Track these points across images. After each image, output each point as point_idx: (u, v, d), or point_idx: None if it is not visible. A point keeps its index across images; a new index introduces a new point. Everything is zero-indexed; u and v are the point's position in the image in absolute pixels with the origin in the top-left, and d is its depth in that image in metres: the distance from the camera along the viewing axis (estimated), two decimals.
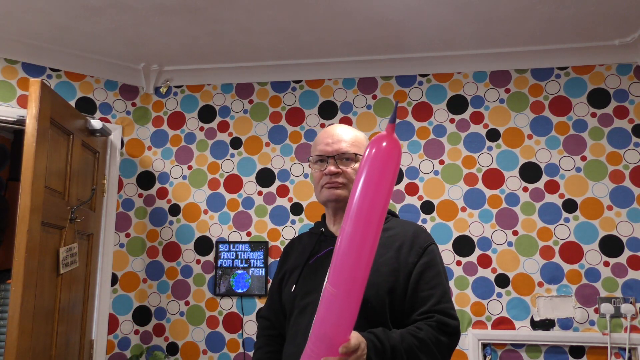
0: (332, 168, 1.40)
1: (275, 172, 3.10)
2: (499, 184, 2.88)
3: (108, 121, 3.10)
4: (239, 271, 3.00)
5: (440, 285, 1.31)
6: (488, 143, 2.94)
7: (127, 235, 3.10)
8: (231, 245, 3.03)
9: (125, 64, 3.15)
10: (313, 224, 1.81)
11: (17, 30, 2.74)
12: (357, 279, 1.04)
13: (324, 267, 1.34)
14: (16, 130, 3.58)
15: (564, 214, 2.79)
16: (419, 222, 2.90)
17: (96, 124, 2.85)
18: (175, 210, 3.14)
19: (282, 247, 3.00)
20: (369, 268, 1.07)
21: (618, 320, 2.63)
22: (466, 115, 2.99)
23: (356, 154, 1.43)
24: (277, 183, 3.09)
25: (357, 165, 1.43)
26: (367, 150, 1.05)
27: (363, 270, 1.05)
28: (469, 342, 2.73)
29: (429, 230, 2.87)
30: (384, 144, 1.03)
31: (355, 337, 1.10)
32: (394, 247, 1.34)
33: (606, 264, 2.70)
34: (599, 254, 2.72)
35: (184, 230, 3.11)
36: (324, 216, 1.57)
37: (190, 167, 3.17)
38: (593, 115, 2.86)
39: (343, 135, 1.44)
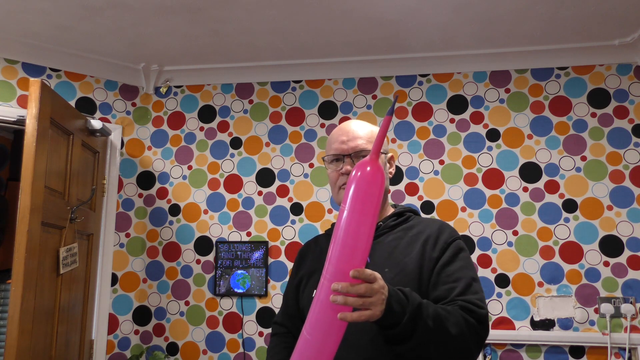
0: (349, 167, 1.33)
1: (275, 172, 3.10)
2: (499, 184, 2.88)
3: (108, 121, 3.10)
4: (239, 271, 3.00)
5: (464, 279, 1.20)
6: (488, 143, 2.94)
7: (127, 235, 3.10)
8: (231, 245, 3.03)
9: (125, 64, 3.15)
10: (312, 223, 1.77)
11: (17, 30, 2.74)
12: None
13: None
14: (16, 130, 3.59)
15: (564, 214, 2.79)
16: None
17: (96, 124, 2.85)
18: (175, 210, 3.14)
19: (282, 247, 3.00)
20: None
21: (618, 320, 2.63)
22: (466, 115, 2.99)
23: None
24: (277, 183, 3.09)
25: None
26: (353, 172, 1.01)
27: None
28: None
29: None
30: (368, 168, 0.99)
31: (374, 273, 1.00)
32: (418, 245, 1.27)
33: (606, 264, 2.70)
34: (599, 254, 2.72)
35: (184, 230, 3.11)
36: None
37: (190, 167, 3.17)
38: (593, 115, 2.86)
39: (359, 131, 1.36)
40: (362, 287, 0.95)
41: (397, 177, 2.98)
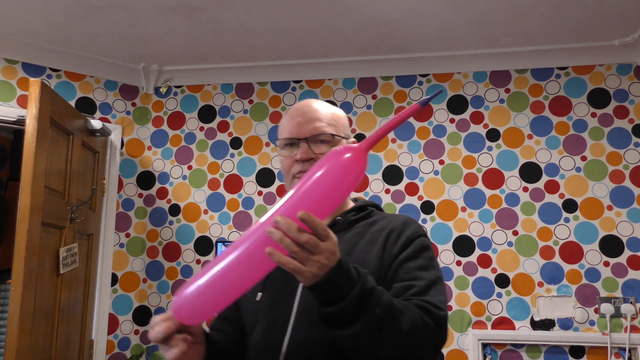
0: (305, 155, 1.13)
1: (275, 172, 3.10)
2: (499, 184, 2.88)
3: (108, 121, 3.10)
4: None
5: (424, 279, 1.03)
6: (488, 143, 2.94)
7: (127, 235, 3.10)
8: None
9: (125, 64, 3.15)
10: None
11: (17, 30, 2.74)
12: None
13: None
14: (16, 130, 3.58)
15: (564, 214, 2.79)
16: (419, 222, 2.90)
17: (96, 124, 2.85)
18: (175, 210, 3.14)
19: None
20: None
21: (618, 320, 2.63)
22: (466, 115, 2.99)
23: (334, 135, 1.16)
24: (277, 183, 3.09)
25: (339, 145, 1.15)
26: (334, 151, 0.87)
27: None
28: (469, 342, 2.73)
29: (429, 230, 2.87)
30: (348, 155, 0.84)
31: (328, 230, 0.83)
32: (380, 242, 1.11)
33: (606, 264, 2.70)
34: (599, 254, 2.72)
35: (184, 230, 3.11)
36: None
37: (190, 167, 3.17)
38: (593, 115, 2.86)
39: (317, 113, 1.18)
40: (305, 237, 0.79)
41: (397, 177, 2.97)
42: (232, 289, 0.85)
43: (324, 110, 1.19)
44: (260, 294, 1.13)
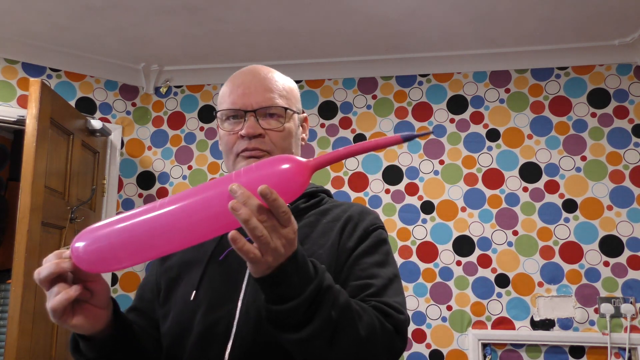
0: (252, 130, 0.97)
1: None
2: (499, 184, 2.88)
3: (108, 121, 3.10)
4: None
5: (381, 277, 0.92)
6: (488, 143, 2.94)
7: None
8: None
9: (125, 64, 3.15)
10: None
11: (17, 30, 2.74)
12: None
13: (240, 266, 0.93)
14: (16, 130, 3.58)
15: (564, 214, 2.79)
16: (419, 222, 2.90)
17: (96, 124, 2.85)
18: None
19: None
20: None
21: (618, 320, 2.63)
22: (466, 115, 2.99)
23: (287, 109, 1.01)
24: None
25: (288, 125, 1.01)
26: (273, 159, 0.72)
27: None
28: (469, 342, 2.73)
29: (428, 230, 2.87)
30: (288, 165, 0.71)
31: (290, 214, 0.70)
32: (334, 233, 0.97)
33: (606, 264, 2.70)
34: (599, 254, 2.72)
35: None
36: None
37: (190, 167, 3.17)
38: (593, 115, 2.86)
39: (267, 81, 1.02)
40: (264, 216, 0.67)
41: (397, 177, 2.98)
42: (161, 241, 0.71)
43: (275, 79, 1.03)
44: (195, 292, 0.95)
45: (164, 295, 1.01)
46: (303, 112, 1.11)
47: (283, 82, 1.04)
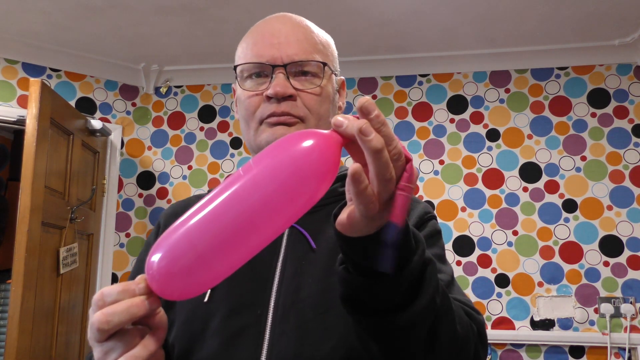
0: (281, 89, 0.76)
1: None
2: (499, 184, 2.88)
3: (108, 121, 3.10)
4: None
5: (445, 274, 0.76)
6: (488, 143, 2.94)
7: (127, 235, 3.10)
8: None
9: (125, 64, 3.15)
10: None
11: (17, 30, 2.74)
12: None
13: (270, 256, 0.75)
14: (16, 130, 3.58)
15: (564, 214, 2.79)
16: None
17: (96, 124, 2.85)
18: None
19: None
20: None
21: (618, 320, 2.63)
22: (466, 115, 2.99)
23: (325, 65, 0.81)
24: None
25: (326, 87, 0.81)
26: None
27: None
28: None
29: None
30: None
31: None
32: None
33: (606, 264, 2.70)
34: (598, 254, 2.72)
35: None
36: None
37: (190, 167, 3.17)
38: (593, 115, 2.86)
39: (301, 30, 0.82)
40: (398, 149, 0.48)
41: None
42: (245, 248, 0.51)
43: (311, 29, 0.83)
44: (209, 291, 0.74)
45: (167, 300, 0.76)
46: (339, 74, 0.89)
47: (320, 35, 0.84)
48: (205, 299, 0.73)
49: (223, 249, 0.50)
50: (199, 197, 0.85)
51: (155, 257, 0.50)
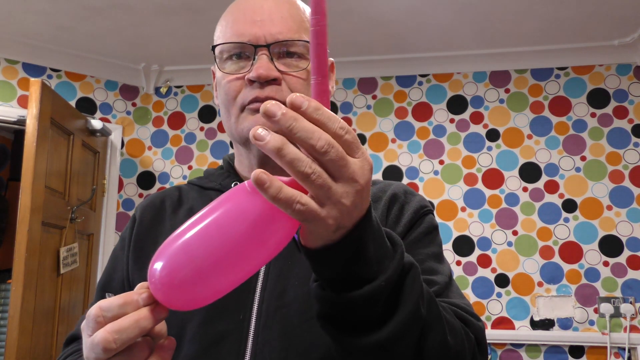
0: (263, 71, 0.70)
1: None
2: (498, 184, 2.88)
3: (108, 121, 3.11)
4: None
5: (441, 274, 0.71)
6: (488, 143, 2.94)
7: None
8: None
9: (125, 64, 3.15)
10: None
11: (18, 31, 2.75)
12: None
13: None
14: (17, 130, 3.59)
15: (564, 214, 2.79)
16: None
17: (96, 124, 2.85)
18: None
19: None
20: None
21: (618, 320, 2.63)
22: (466, 115, 2.99)
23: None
24: None
25: (308, 66, 0.73)
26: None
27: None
28: None
29: None
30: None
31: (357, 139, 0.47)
32: (378, 214, 0.76)
33: (606, 263, 2.70)
34: (598, 254, 2.72)
35: None
36: (231, 160, 0.86)
37: (190, 167, 3.18)
38: (593, 115, 2.86)
39: (286, 7, 0.74)
40: (334, 142, 0.44)
41: (397, 177, 2.98)
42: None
43: (297, 4, 0.76)
44: None
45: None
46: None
47: (307, 11, 0.76)
48: None
49: (227, 260, 0.48)
50: (177, 189, 0.84)
51: (157, 265, 0.48)
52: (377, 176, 2.98)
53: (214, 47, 0.76)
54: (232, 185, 0.78)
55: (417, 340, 0.51)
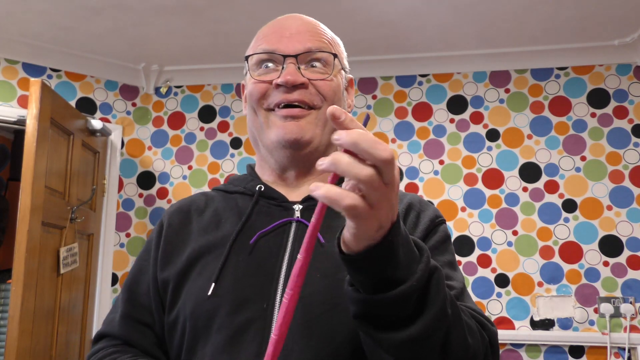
0: (291, 77, 0.76)
1: None
2: (498, 184, 2.88)
3: (108, 121, 3.11)
4: None
5: (457, 281, 0.76)
6: (488, 143, 2.94)
7: (128, 235, 3.10)
8: None
9: (125, 64, 3.15)
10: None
11: (18, 31, 2.75)
12: None
13: (276, 250, 0.74)
14: (17, 130, 3.59)
15: (564, 214, 2.79)
16: None
17: (96, 124, 2.85)
18: None
19: None
20: None
21: (617, 320, 2.63)
22: (466, 115, 2.99)
23: (335, 57, 0.84)
24: None
25: (336, 78, 0.84)
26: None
27: None
28: None
29: None
30: None
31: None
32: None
33: (606, 263, 2.70)
34: (598, 254, 2.72)
35: None
36: (253, 167, 0.90)
37: (190, 167, 3.18)
38: (593, 115, 2.86)
39: (312, 25, 0.84)
40: (388, 152, 0.47)
41: None
42: None
43: (322, 26, 0.85)
44: (213, 285, 0.72)
45: (172, 295, 0.75)
46: (348, 70, 0.94)
47: (331, 33, 0.86)
48: (209, 293, 0.71)
49: None
50: (203, 194, 0.90)
51: None
52: None
53: (247, 58, 0.82)
54: (257, 188, 0.83)
55: (444, 337, 0.56)
